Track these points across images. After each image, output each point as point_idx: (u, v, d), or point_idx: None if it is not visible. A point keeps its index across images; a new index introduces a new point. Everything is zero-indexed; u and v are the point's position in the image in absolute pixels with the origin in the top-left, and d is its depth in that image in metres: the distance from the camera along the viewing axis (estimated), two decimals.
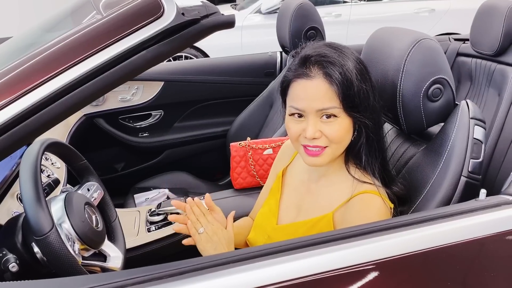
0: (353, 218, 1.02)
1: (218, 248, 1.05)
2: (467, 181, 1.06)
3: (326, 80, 0.99)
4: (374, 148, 1.06)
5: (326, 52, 1.01)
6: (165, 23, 0.91)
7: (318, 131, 1.00)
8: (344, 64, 0.99)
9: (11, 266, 0.93)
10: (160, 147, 2.45)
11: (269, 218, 1.19)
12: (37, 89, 0.84)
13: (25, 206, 0.93)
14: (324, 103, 0.99)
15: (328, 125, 1.00)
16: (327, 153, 1.03)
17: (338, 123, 1.00)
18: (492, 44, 2.07)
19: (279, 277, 0.77)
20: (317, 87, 0.99)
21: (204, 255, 1.06)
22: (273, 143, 1.84)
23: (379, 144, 1.07)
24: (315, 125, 1.00)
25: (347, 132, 1.03)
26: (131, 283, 0.73)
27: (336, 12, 5.41)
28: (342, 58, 1.00)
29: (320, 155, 1.03)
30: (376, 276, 0.82)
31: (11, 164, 1.35)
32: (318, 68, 1.00)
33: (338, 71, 0.98)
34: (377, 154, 1.07)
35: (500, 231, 0.89)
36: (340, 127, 1.00)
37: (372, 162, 1.06)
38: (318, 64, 1.00)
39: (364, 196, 1.04)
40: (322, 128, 1.01)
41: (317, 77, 0.99)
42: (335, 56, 1.00)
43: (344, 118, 1.01)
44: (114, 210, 1.29)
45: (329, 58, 1.00)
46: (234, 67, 2.52)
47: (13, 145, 0.84)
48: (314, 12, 2.13)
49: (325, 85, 0.99)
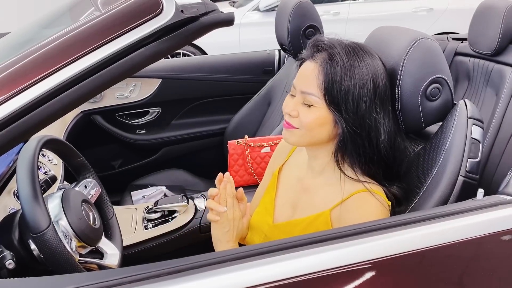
0: (350, 217, 1.02)
1: (226, 235, 1.09)
2: (464, 180, 1.06)
3: (319, 67, 1.02)
4: (366, 157, 1.04)
5: (336, 46, 1.03)
6: (164, 21, 0.91)
7: (295, 110, 1.04)
8: (347, 62, 1.00)
9: (8, 263, 0.93)
10: (157, 144, 2.44)
11: (265, 217, 1.19)
12: (35, 86, 0.84)
13: (22, 203, 0.93)
14: (307, 87, 1.03)
15: (305, 110, 1.04)
16: (295, 133, 1.06)
17: (314, 112, 1.02)
18: (490, 43, 2.08)
19: (275, 276, 0.77)
20: (310, 70, 1.03)
21: (212, 236, 1.12)
22: (271, 141, 1.85)
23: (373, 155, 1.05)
24: (296, 104, 1.05)
25: (321, 125, 1.03)
26: (129, 281, 0.72)
27: (334, 10, 5.41)
28: (349, 57, 1.01)
29: (289, 130, 1.07)
30: (373, 275, 0.82)
31: (7, 160, 1.34)
32: (320, 55, 1.03)
33: (333, 65, 1.00)
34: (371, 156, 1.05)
35: (497, 231, 0.90)
36: (314, 116, 1.02)
37: (362, 162, 1.05)
38: (322, 50, 1.03)
39: (360, 195, 1.04)
40: (300, 110, 1.04)
41: (316, 62, 1.03)
42: (343, 53, 1.02)
43: (322, 111, 1.02)
44: (111, 208, 1.29)
45: (334, 50, 1.02)
46: (232, 64, 2.52)
47: (10, 142, 0.83)
48: (313, 10, 2.13)
49: (315, 71, 1.02)
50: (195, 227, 1.59)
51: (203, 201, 1.69)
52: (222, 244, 1.11)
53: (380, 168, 1.07)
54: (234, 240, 1.11)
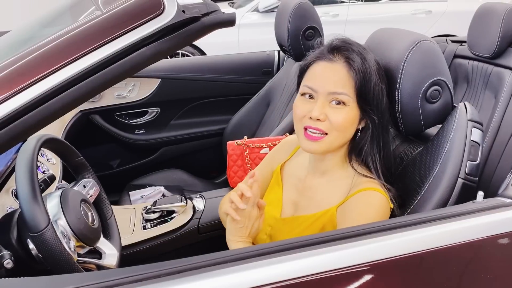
0: (354, 214, 1.03)
1: (240, 231, 1.06)
2: (464, 183, 1.06)
3: (346, 66, 1.01)
4: (378, 148, 1.07)
5: (351, 42, 1.05)
6: (165, 21, 0.90)
7: (323, 114, 1.01)
8: (366, 57, 1.03)
9: (6, 263, 0.92)
10: (156, 144, 2.44)
11: (271, 211, 1.18)
12: (35, 85, 0.83)
13: (21, 202, 0.92)
14: (338, 87, 1.01)
15: (335, 110, 1.02)
16: (325, 141, 1.03)
17: (345, 112, 1.01)
18: (489, 46, 2.08)
19: (276, 277, 0.77)
20: (335, 70, 1.02)
21: (226, 230, 1.09)
22: (270, 142, 1.84)
23: (384, 146, 1.08)
24: (323, 107, 1.02)
25: (352, 124, 1.04)
26: (128, 281, 0.72)
27: (333, 12, 5.42)
28: (365, 53, 1.04)
29: (319, 141, 1.03)
30: (372, 277, 0.82)
31: (6, 159, 1.34)
32: (341, 55, 1.03)
33: (359, 61, 1.01)
34: (381, 154, 1.08)
35: (497, 233, 0.90)
36: (346, 116, 1.02)
37: (374, 160, 1.07)
38: (343, 50, 1.03)
39: (367, 193, 1.04)
40: (329, 112, 1.02)
41: (339, 62, 1.03)
42: (360, 49, 1.03)
43: (352, 109, 1.02)
44: (110, 207, 1.29)
45: (353, 46, 1.03)
46: (232, 65, 2.52)
47: (10, 141, 0.83)
48: (313, 11, 2.13)
49: (344, 70, 1.01)
50: (194, 228, 1.59)
51: (201, 202, 1.68)
52: (234, 238, 1.09)
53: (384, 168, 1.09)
54: (247, 236, 1.08)
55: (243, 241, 1.08)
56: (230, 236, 1.09)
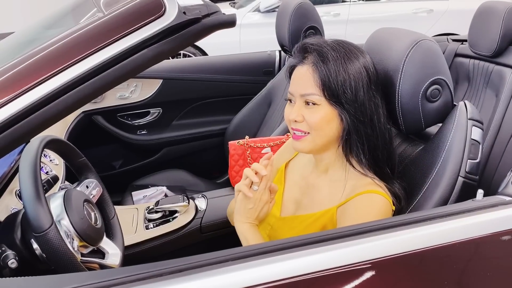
0: (354, 216, 1.03)
1: (248, 212, 1.09)
2: (464, 181, 1.06)
3: (312, 68, 1.04)
4: (361, 141, 1.06)
5: (323, 44, 1.06)
6: (166, 22, 0.91)
7: (300, 115, 1.06)
8: (336, 55, 1.03)
9: (10, 263, 0.93)
10: (158, 144, 2.45)
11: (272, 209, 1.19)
12: (38, 87, 0.84)
13: (25, 202, 0.93)
14: (307, 88, 1.05)
15: (310, 111, 1.05)
16: (308, 139, 1.07)
17: (318, 111, 1.04)
18: (490, 45, 2.08)
19: (276, 275, 0.77)
20: (304, 73, 1.05)
21: (235, 210, 1.11)
22: (271, 142, 1.85)
23: (369, 139, 1.06)
24: (299, 109, 1.06)
25: (328, 122, 1.05)
26: (131, 280, 0.73)
27: (334, 12, 5.41)
28: (337, 51, 1.04)
29: (302, 140, 1.08)
30: (373, 275, 0.82)
31: (9, 160, 1.35)
32: (308, 56, 1.06)
33: (325, 61, 1.03)
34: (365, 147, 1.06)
35: (497, 231, 0.90)
36: (320, 115, 1.04)
37: (360, 153, 1.07)
38: (307, 52, 1.06)
39: (368, 195, 1.05)
40: (305, 113, 1.06)
41: (307, 64, 1.06)
42: (330, 49, 1.04)
43: (325, 107, 1.04)
44: (113, 207, 1.30)
45: (323, 48, 1.04)
46: (233, 65, 2.52)
47: (14, 143, 0.84)
48: (314, 11, 2.13)
49: (310, 71, 1.04)
50: (196, 227, 1.60)
51: (203, 201, 1.69)
52: (241, 219, 1.10)
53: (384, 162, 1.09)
54: (254, 219, 1.10)
55: (250, 223, 1.10)
56: (238, 216, 1.11)
